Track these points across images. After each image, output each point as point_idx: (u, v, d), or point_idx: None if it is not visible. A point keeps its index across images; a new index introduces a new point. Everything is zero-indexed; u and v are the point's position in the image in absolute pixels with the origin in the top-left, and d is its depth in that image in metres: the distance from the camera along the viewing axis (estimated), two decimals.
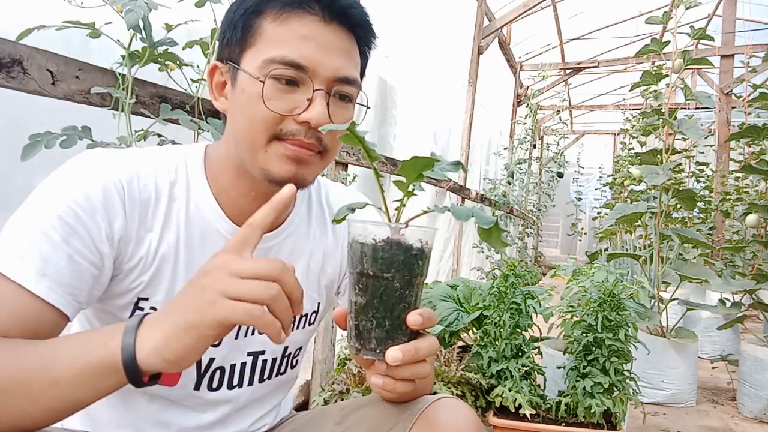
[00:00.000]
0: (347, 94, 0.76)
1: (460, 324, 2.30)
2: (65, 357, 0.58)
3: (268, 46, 0.71)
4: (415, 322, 0.61)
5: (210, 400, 0.83)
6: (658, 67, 2.76)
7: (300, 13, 0.71)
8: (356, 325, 0.61)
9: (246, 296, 0.56)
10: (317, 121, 0.71)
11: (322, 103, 0.72)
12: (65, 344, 0.60)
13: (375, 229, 0.60)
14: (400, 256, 0.59)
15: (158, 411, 0.81)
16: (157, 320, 0.59)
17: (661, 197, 2.74)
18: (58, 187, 0.68)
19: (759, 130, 2.95)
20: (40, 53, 1.04)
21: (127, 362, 0.57)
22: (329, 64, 0.72)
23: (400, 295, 0.60)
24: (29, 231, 0.64)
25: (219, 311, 0.56)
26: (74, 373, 0.57)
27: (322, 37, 0.72)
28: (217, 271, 0.58)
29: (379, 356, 0.61)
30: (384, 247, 0.59)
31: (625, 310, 1.85)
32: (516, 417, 1.79)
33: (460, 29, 4.87)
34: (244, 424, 0.88)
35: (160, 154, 0.78)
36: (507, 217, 6.27)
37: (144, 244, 0.74)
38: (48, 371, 0.57)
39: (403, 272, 0.59)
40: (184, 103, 1.35)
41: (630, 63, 7.27)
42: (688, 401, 2.67)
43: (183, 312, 0.57)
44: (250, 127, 0.73)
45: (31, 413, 0.57)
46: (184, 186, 0.77)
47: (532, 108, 6.78)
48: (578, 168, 9.20)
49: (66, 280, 0.64)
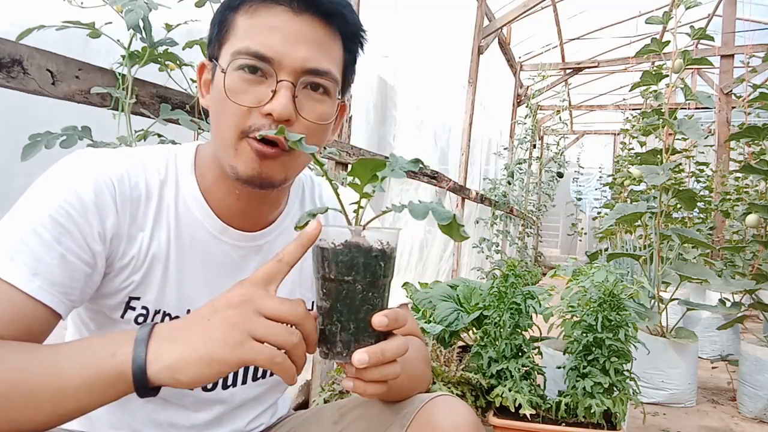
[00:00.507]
0: (320, 85, 0.73)
1: (460, 324, 2.29)
2: (72, 365, 0.58)
3: (238, 39, 0.71)
4: (381, 324, 0.60)
5: (204, 399, 0.83)
6: (658, 67, 2.76)
7: (269, 5, 0.70)
8: (322, 330, 0.62)
9: (271, 340, 0.58)
10: (279, 112, 0.69)
11: (287, 94, 0.69)
12: (70, 351, 0.60)
13: (334, 232, 0.59)
14: (360, 259, 0.58)
15: (153, 411, 0.81)
16: (173, 338, 0.58)
17: (661, 197, 2.74)
18: (50, 188, 0.68)
19: (759, 130, 2.95)
20: (40, 53, 1.04)
21: (137, 375, 0.57)
22: (295, 54, 0.70)
23: (363, 297, 0.59)
24: (21, 231, 0.64)
25: (245, 354, 0.57)
26: (81, 381, 0.57)
27: (290, 27, 0.70)
28: (246, 306, 0.58)
29: (347, 359, 0.60)
30: (343, 251, 0.58)
31: (625, 310, 1.85)
32: (516, 417, 1.78)
33: (460, 29, 4.87)
34: (240, 423, 0.88)
35: (150, 153, 0.78)
36: (507, 217, 6.27)
37: (135, 243, 0.74)
38: (54, 378, 0.57)
39: (365, 274, 0.59)
40: (184, 103, 1.35)
41: (630, 63, 7.27)
42: (688, 401, 2.67)
43: (208, 344, 0.57)
44: (221, 124, 0.72)
45: (35, 419, 0.57)
46: (173, 185, 0.78)
47: (532, 108, 6.78)
48: (578, 168, 9.20)
49: (58, 279, 0.64)
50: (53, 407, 0.57)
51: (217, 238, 0.80)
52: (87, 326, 0.80)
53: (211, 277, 0.80)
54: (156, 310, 0.77)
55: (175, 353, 0.57)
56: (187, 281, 0.79)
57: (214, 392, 0.84)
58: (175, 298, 0.78)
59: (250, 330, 0.57)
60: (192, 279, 0.79)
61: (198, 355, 0.57)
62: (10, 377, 0.56)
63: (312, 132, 0.73)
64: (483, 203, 5.50)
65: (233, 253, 0.81)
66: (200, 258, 0.79)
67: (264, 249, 0.84)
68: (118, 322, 0.76)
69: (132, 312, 0.76)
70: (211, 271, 0.80)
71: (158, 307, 0.77)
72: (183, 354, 0.57)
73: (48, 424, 0.58)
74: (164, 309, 0.78)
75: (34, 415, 0.57)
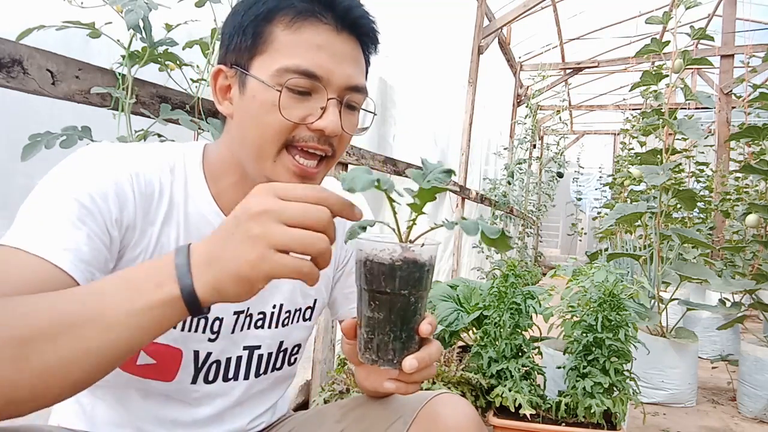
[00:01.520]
0: (356, 103, 0.78)
1: (460, 324, 2.30)
2: (115, 302, 0.54)
3: (282, 55, 0.71)
4: (427, 332, 0.64)
5: (206, 392, 0.83)
6: (658, 67, 2.76)
7: (313, 22, 0.72)
8: (372, 339, 0.63)
9: (297, 250, 0.54)
10: (331, 129, 0.72)
11: (335, 111, 0.73)
12: (108, 288, 0.55)
13: (392, 248, 0.61)
14: (416, 273, 0.61)
15: (154, 407, 0.81)
16: (208, 261, 0.56)
17: (661, 197, 2.74)
18: (70, 174, 0.68)
19: (759, 130, 2.95)
20: (40, 53, 1.04)
21: (190, 304, 0.55)
22: (342, 72, 0.73)
23: (414, 308, 0.63)
24: (47, 212, 0.65)
25: (270, 269, 0.54)
26: (129, 318, 0.53)
27: (334, 46, 0.73)
28: (265, 216, 0.54)
29: (397, 366, 0.64)
30: (402, 266, 0.60)
31: (625, 310, 1.85)
32: (516, 417, 1.79)
33: (460, 29, 4.87)
34: (241, 422, 0.88)
35: (160, 152, 0.79)
36: (507, 217, 6.27)
37: (145, 237, 0.74)
38: (99, 316, 0.53)
39: (418, 287, 0.62)
40: (184, 103, 1.35)
41: (630, 63, 7.27)
42: (688, 401, 2.67)
43: (234, 261, 0.54)
44: (261, 136, 0.73)
45: (84, 363, 0.52)
46: (182, 185, 0.78)
47: (532, 108, 6.78)
48: (578, 168, 9.20)
49: (87, 257, 0.64)
50: (101, 348, 0.52)
51: None
52: None
53: None
54: None
55: (213, 275, 0.55)
56: None
57: (215, 385, 0.84)
58: None
59: (271, 242, 0.53)
60: None
61: (228, 274, 0.55)
62: (52, 315, 0.52)
63: (347, 141, 0.79)
64: (483, 203, 5.50)
65: None
66: None
67: None
68: None
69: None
70: None
71: None
72: (219, 275, 0.55)
73: (99, 368, 0.54)
74: None
75: (84, 359, 0.52)
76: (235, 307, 0.83)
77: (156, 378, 0.79)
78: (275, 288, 0.87)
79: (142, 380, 0.78)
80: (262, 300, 0.85)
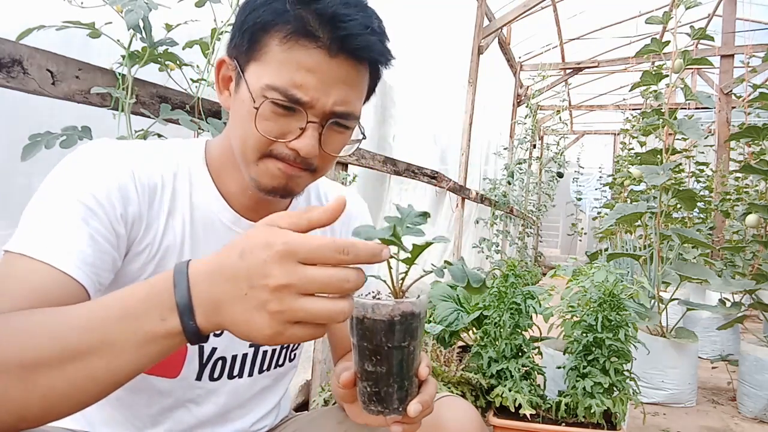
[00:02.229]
0: (344, 125, 0.75)
1: (460, 324, 2.30)
2: (120, 333, 0.52)
3: (271, 70, 0.70)
4: (425, 374, 0.65)
5: (210, 389, 0.83)
6: (658, 67, 2.76)
7: (305, 43, 0.69)
8: (376, 392, 0.63)
9: (315, 321, 0.52)
10: (306, 152, 0.72)
11: (314, 135, 0.72)
12: (111, 317, 0.53)
13: (389, 305, 0.61)
14: (413, 323, 0.61)
15: (157, 408, 0.81)
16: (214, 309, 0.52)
17: (661, 197, 2.74)
18: (73, 175, 0.69)
19: (759, 130, 2.95)
20: (40, 53, 1.04)
21: (192, 338, 0.53)
22: (327, 99, 0.71)
23: (413, 356, 0.63)
24: (49, 215, 0.65)
25: (286, 339, 0.52)
26: (136, 349, 0.52)
27: (325, 71, 0.70)
28: (286, 291, 0.50)
29: (402, 413, 0.64)
30: (401, 320, 0.60)
31: (625, 310, 1.85)
32: (516, 417, 1.79)
33: (460, 29, 4.87)
34: (245, 423, 0.88)
35: (161, 147, 0.80)
36: (507, 217, 6.27)
37: (151, 231, 0.75)
38: (105, 347, 0.52)
39: (416, 336, 0.62)
40: (184, 103, 1.35)
41: (630, 63, 7.27)
42: (688, 401, 2.67)
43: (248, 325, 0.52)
44: (244, 142, 0.73)
45: (91, 388, 0.52)
46: (186, 179, 0.79)
47: (532, 108, 6.78)
48: (578, 168, 9.20)
49: (90, 259, 0.65)
50: (108, 374, 0.52)
51: (230, 229, 0.81)
52: None
53: None
54: None
55: (219, 322, 0.53)
56: None
57: (220, 381, 0.84)
58: None
59: (289, 319, 0.51)
60: None
61: (238, 332, 0.53)
62: (60, 338, 0.52)
63: (332, 159, 0.77)
64: (483, 203, 5.50)
65: None
66: (214, 248, 0.78)
67: None
68: None
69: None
70: None
71: None
72: (228, 326, 0.53)
73: (105, 391, 0.54)
74: None
75: (91, 387, 0.52)
76: None
77: (160, 374, 0.79)
78: None
79: (146, 377, 0.78)
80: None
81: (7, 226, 0.66)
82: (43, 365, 0.50)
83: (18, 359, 0.50)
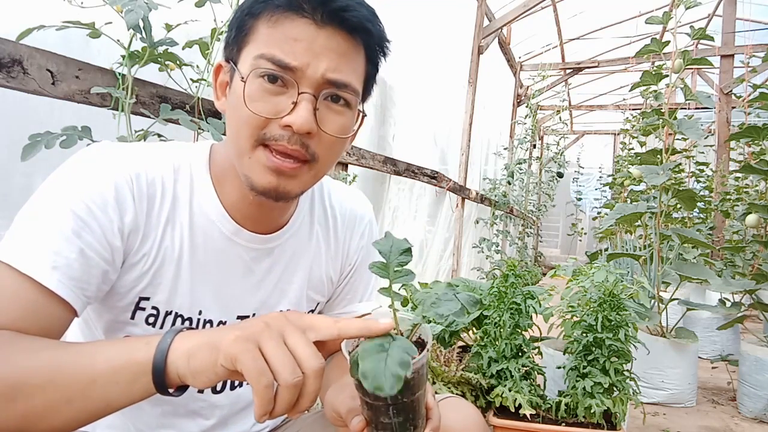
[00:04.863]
0: (341, 97, 0.71)
1: (460, 324, 2.29)
2: (106, 355, 0.58)
3: (259, 44, 0.69)
4: (433, 403, 0.68)
5: (213, 402, 0.83)
6: (658, 67, 2.76)
7: (291, 16, 0.68)
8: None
9: (273, 363, 0.54)
10: (300, 125, 0.67)
11: (308, 107, 0.68)
12: (108, 344, 0.61)
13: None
14: (423, 371, 0.62)
15: (161, 415, 0.81)
16: (196, 333, 0.60)
17: (661, 197, 2.74)
18: (69, 181, 0.67)
19: (759, 130, 2.95)
20: (40, 53, 1.04)
21: (157, 360, 0.57)
22: (317, 65, 0.68)
23: (422, 396, 0.65)
24: (40, 224, 0.64)
25: (242, 354, 0.54)
26: (112, 370, 0.57)
27: (313, 40, 0.68)
28: (275, 324, 0.58)
29: None
30: (414, 377, 0.61)
31: (625, 310, 1.85)
32: (516, 417, 1.78)
33: (460, 29, 4.87)
34: (245, 426, 0.88)
35: (165, 152, 0.78)
36: (507, 217, 6.27)
37: (148, 240, 0.73)
38: (87, 368, 0.57)
39: (425, 379, 0.64)
40: (184, 103, 1.35)
41: (630, 63, 7.27)
42: (688, 401, 2.67)
43: (221, 333, 0.57)
44: (237, 131, 0.71)
45: (65, 414, 0.57)
46: (188, 185, 0.77)
47: (532, 108, 6.78)
48: (578, 168, 9.20)
49: (77, 273, 0.64)
50: (83, 401, 0.57)
51: (230, 240, 0.79)
52: (93, 329, 0.79)
53: (223, 278, 0.80)
54: (167, 311, 0.77)
55: (194, 341, 0.58)
56: (199, 282, 0.78)
57: (223, 394, 0.84)
58: (187, 299, 0.77)
59: (262, 340, 0.55)
60: (204, 279, 0.78)
61: (209, 340, 0.57)
62: (43, 366, 0.57)
63: (332, 145, 0.73)
64: (483, 203, 5.50)
65: (245, 255, 0.81)
66: (213, 258, 0.79)
67: (275, 251, 0.84)
68: (127, 324, 0.76)
69: (142, 312, 0.76)
70: (223, 272, 0.80)
71: (169, 308, 0.77)
72: (199, 341, 0.58)
73: (78, 421, 0.58)
74: (175, 310, 0.77)
75: (65, 410, 0.56)
76: (240, 312, 0.83)
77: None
78: (282, 296, 0.86)
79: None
80: (269, 308, 0.85)
81: (6, 226, 0.66)
82: (25, 387, 0.56)
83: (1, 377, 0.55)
